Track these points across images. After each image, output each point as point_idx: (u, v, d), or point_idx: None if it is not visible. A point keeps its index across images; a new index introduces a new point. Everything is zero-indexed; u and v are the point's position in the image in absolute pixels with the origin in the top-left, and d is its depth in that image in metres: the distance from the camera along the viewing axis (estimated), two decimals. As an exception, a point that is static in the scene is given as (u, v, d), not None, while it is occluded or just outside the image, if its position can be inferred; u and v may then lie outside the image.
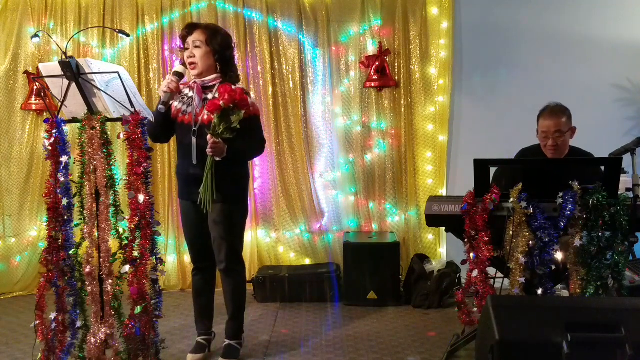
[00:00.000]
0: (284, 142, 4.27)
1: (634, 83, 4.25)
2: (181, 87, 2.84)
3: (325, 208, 4.38)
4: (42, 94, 4.12)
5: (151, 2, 4.22)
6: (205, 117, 2.73)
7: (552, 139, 2.92)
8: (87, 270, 2.43)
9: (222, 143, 2.64)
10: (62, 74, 2.42)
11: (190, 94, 2.83)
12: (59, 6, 4.21)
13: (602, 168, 2.68)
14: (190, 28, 2.83)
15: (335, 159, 4.36)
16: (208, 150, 2.64)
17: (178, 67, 2.80)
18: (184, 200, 2.94)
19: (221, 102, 2.55)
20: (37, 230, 4.28)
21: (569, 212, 2.40)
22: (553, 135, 2.91)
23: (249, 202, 3.13)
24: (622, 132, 4.14)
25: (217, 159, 2.66)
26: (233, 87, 2.77)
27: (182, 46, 2.86)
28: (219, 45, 2.79)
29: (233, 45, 2.90)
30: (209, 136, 2.63)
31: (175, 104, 2.86)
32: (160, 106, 2.73)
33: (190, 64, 2.79)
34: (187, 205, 2.91)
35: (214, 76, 2.82)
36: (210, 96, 2.79)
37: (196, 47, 2.77)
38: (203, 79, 2.81)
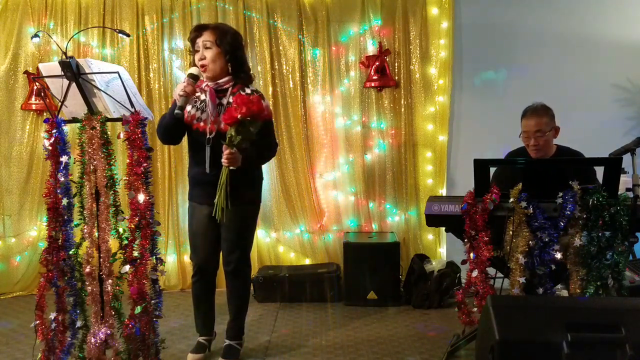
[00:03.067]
0: (284, 142, 4.27)
1: (634, 83, 4.25)
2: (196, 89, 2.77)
3: (325, 208, 4.38)
4: (42, 94, 4.12)
5: (151, 2, 4.22)
6: (222, 126, 2.66)
7: (533, 138, 2.92)
8: (87, 270, 2.43)
9: (238, 153, 2.58)
10: (62, 74, 2.42)
11: (203, 97, 2.77)
12: (59, 6, 4.21)
13: (602, 168, 2.68)
14: (199, 29, 2.75)
15: (335, 159, 4.36)
16: (224, 160, 2.57)
17: (193, 69, 2.71)
18: (198, 204, 2.88)
19: (239, 115, 2.44)
20: (37, 230, 4.28)
21: (569, 212, 2.40)
22: (534, 135, 2.91)
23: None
24: (622, 132, 4.14)
25: (232, 168, 2.59)
26: (247, 90, 2.75)
27: (192, 49, 2.78)
28: (230, 45, 2.72)
29: (244, 44, 2.82)
30: (224, 146, 2.55)
31: (189, 109, 2.78)
32: (177, 111, 2.60)
33: (202, 65, 2.71)
34: (201, 208, 2.86)
35: (226, 78, 2.76)
36: (224, 101, 2.74)
37: (207, 48, 2.71)
38: (216, 82, 2.75)
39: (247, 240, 2.92)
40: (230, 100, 2.72)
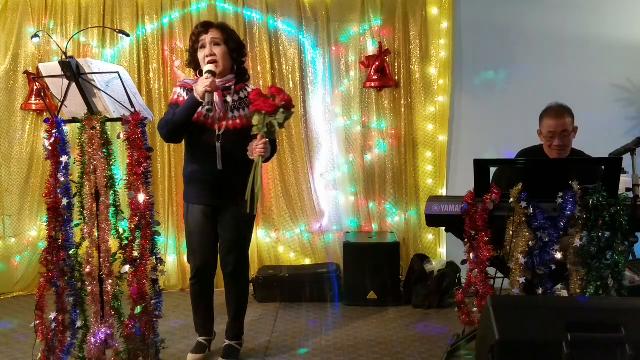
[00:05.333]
0: (284, 142, 4.27)
1: (634, 83, 4.25)
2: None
3: (325, 208, 4.38)
4: (42, 94, 4.12)
5: (151, 2, 4.22)
6: (231, 122, 2.74)
7: (558, 138, 2.92)
8: (87, 270, 2.43)
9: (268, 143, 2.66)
10: (62, 74, 2.42)
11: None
12: (59, 6, 4.21)
13: (602, 168, 2.68)
14: (206, 26, 2.80)
15: (335, 159, 4.36)
16: (260, 150, 2.60)
17: (209, 67, 2.73)
18: (194, 204, 2.86)
19: (280, 102, 2.55)
20: (37, 230, 4.28)
21: (569, 212, 2.40)
22: (560, 135, 2.92)
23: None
24: (622, 132, 4.14)
25: (263, 159, 2.66)
26: (249, 88, 2.84)
27: (193, 45, 2.81)
28: (235, 45, 2.82)
29: (245, 50, 2.92)
30: (259, 136, 2.60)
31: None
32: (208, 107, 2.61)
33: (211, 61, 2.74)
34: (198, 209, 2.85)
35: (231, 76, 2.82)
36: (229, 98, 2.79)
37: (216, 44, 2.76)
38: (223, 79, 2.79)
39: (245, 241, 2.92)
40: (235, 97, 2.80)
